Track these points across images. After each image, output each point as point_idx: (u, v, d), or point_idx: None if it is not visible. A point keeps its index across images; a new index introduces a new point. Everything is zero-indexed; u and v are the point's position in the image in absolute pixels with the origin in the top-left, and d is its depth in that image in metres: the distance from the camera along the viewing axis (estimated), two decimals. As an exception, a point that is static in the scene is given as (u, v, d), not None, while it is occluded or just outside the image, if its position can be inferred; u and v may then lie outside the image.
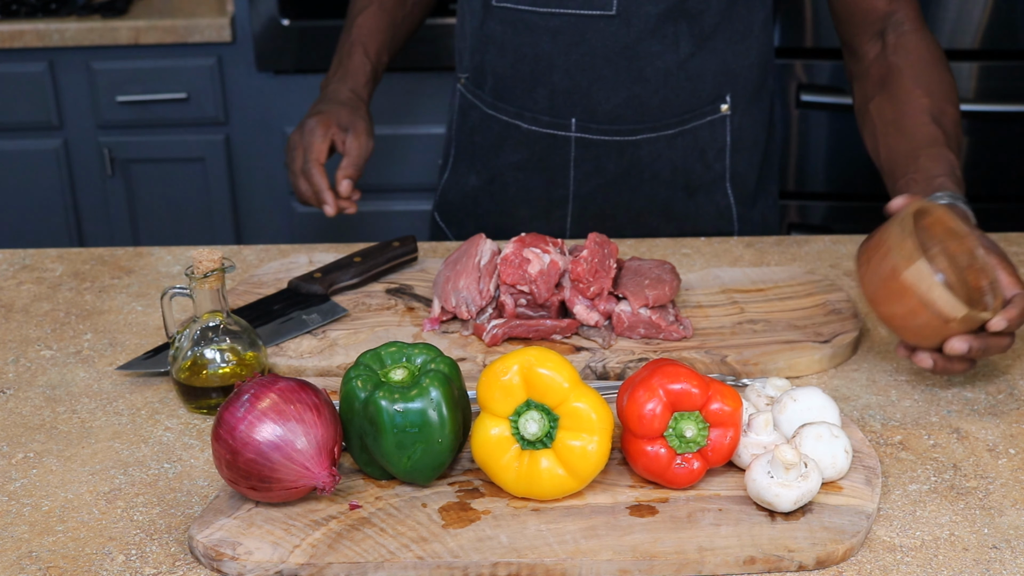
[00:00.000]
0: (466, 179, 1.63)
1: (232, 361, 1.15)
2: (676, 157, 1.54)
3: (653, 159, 1.53)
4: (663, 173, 1.55)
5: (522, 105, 1.53)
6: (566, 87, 1.49)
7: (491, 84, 1.54)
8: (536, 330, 1.25)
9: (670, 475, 1.00)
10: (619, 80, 1.48)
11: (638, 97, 1.49)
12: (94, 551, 0.97)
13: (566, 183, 1.55)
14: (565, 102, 1.50)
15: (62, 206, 2.73)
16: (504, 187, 1.59)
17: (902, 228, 1.07)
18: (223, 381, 1.15)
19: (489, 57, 1.53)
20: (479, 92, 1.57)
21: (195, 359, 1.14)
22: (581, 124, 1.51)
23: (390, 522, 0.97)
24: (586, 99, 1.49)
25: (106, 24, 2.56)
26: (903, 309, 1.08)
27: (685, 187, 1.56)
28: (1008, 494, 1.03)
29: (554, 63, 1.48)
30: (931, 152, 1.31)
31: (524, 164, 1.56)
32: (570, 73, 1.48)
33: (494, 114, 1.56)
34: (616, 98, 1.49)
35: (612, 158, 1.53)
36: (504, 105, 1.54)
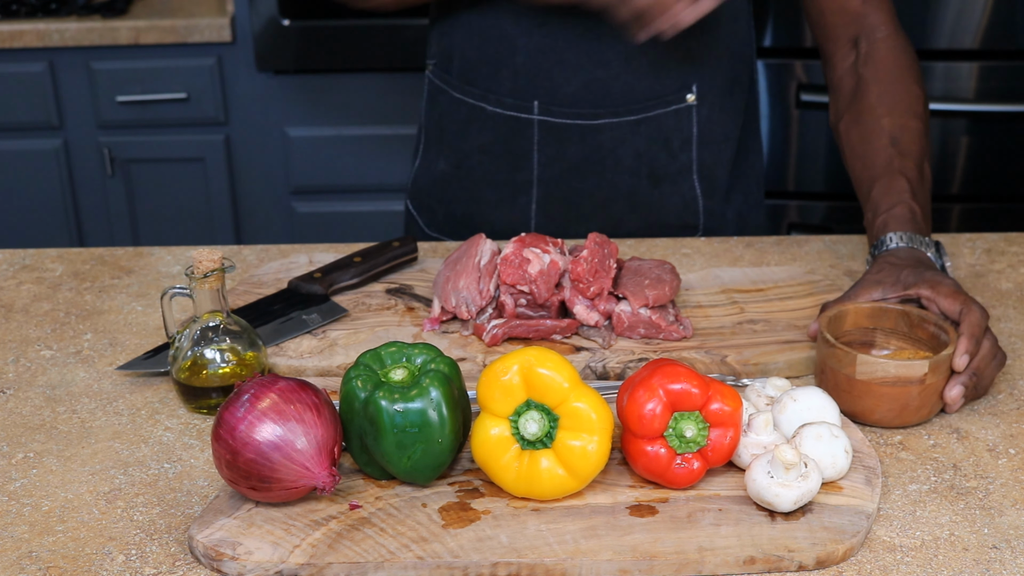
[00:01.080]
0: (435, 164, 1.63)
1: (232, 361, 1.15)
2: (640, 145, 1.54)
3: (615, 145, 1.53)
4: (626, 160, 1.54)
5: (487, 87, 1.52)
6: (529, 69, 1.49)
7: (458, 67, 1.54)
8: (536, 330, 1.25)
9: (670, 475, 1.00)
10: (580, 63, 1.48)
11: (599, 80, 1.49)
12: (94, 551, 0.97)
13: (530, 167, 1.55)
14: (528, 84, 1.50)
15: (62, 206, 2.73)
16: (470, 171, 1.59)
17: (827, 343, 1.13)
18: (223, 381, 1.15)
19: (456, 40, 1.53)
20: (446, 76, 1.57)
21: (195, 359, 1.14)
22: (543, 107, 1.51)
23: (390, 522, 0.97)
24: (548, 81, 1.49)
25: (106, 24, 2.56)
26: (888, 402, 1.11)
27: (649, 176, 1.56)
28: (1008, 494, 1.03)
29: (517, 45, 1.48)
30: (883, 183, 1.35)
31: (489, 147, 1.56)
32: (532, 55, 1.48)
33: (461, 97, 1.55)
34: (577, 81, 1.49)
35: (574, 142, 1.53)
36: (470, 88, 1.54)
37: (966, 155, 2.46)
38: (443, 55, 1.57)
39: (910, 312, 1.18)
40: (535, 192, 1.56)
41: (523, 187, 1.56)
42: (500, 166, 1.56)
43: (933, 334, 1.16)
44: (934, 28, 2.36)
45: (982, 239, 1.52)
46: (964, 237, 1.53)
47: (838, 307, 1.18)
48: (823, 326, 1.15)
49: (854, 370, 1.10)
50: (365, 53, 2.59)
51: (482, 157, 1.57)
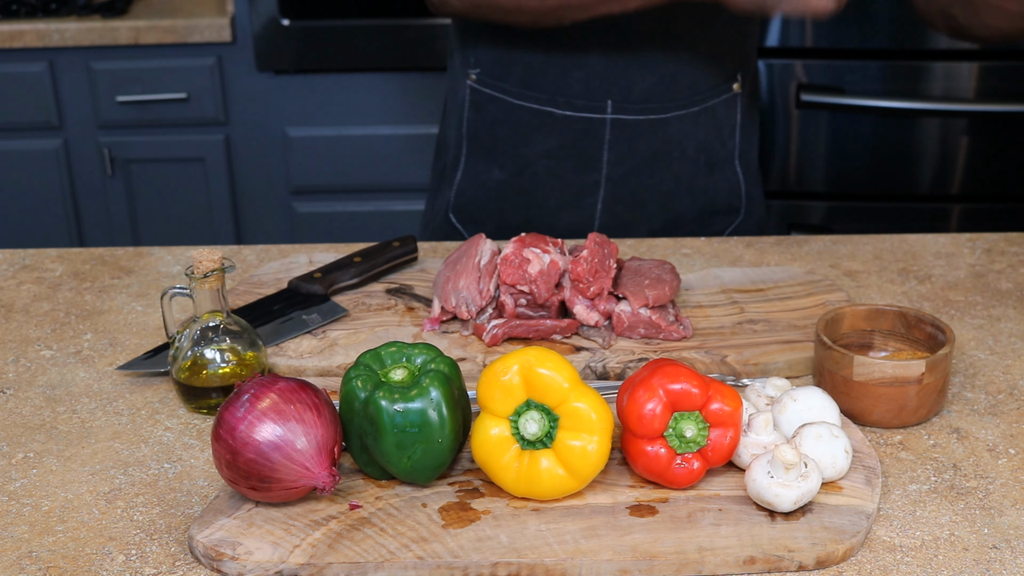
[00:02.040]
0: (486, 175, 1.62)
1: (232, 361, 1.15)
2: (700, 135, 1.57)
3: (682, 137, 1.56)
4: (689, 151, 1.57)
5: (555, 91, 1.52)
6: (603, 69, 1.50)
7: (519, 74, 1.53)
8: (536, 330, 1.25)
9: (670, 475, 1.00)
10: (654, 58, 1.50)
11: (671, 75, 1.51)
12: (94, 551, 0.97)
13: (599, 167, 1.56)
14: (601, 84, 1.51)
15: (62, 206, 2.73)
16: (533, 176, 1.58)
17: (822, 345, 1.13)
18: (223, 381, 1.15)
19: (517, 45, 1.52)
20: (501, 84, 1.56)
21: (195, 359, 1.14)
22: (617, 105, 1.52)
23: (390, 522, 0.97)
24: (623, 79, 1.50)
25: (106, 24, 2.56)
26: (886, 402, 1.11)
27: (707, 164, 1.60)
28: (1008, 494, 1.03)
29: (589, 45, 1.49)
30: None
31: (556, 151, 1.56)
32: (607, 53, 1.49)
33: (521, 103, 1.55)
34: (652, 77, 1.51)
35: (645, 138, 1.54)
36: (533, 93, 1.54)
37: (966, 155, 2.46)
38: (496, 63, 1.55)
39: (907, 313, 1.18)
40: (602, 192, 1.57)
41: (590, 188, 1.57)
42: (567, 169, 1.56)
43: (930, 334, 1.16)
44: (934, 28, 2.36)
45: (982, 239, 1.53)
46: (964, 237, 1.53)
47: (835, 310, 1.19)
48: (819, 328, 1.15)
49: (851, 372, 1.10)
50: (365, 53, 2.59)
51: (548, 161, 1.57)
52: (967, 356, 1.25)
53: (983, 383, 1.20)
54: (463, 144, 1.63)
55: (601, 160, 1.55)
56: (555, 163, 1.57)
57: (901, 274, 1.44)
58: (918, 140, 2.45)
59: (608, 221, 1.59)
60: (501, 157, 1.60)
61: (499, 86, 1.56)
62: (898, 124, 2.44)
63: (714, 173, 1.61)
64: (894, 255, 1.49)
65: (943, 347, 1.12)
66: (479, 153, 1.62)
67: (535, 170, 1.58)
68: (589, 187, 1.57)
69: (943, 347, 1.12)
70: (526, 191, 1.60)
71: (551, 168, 1.57)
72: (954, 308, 1.35)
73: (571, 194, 1.58)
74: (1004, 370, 1.23)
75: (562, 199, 1.59)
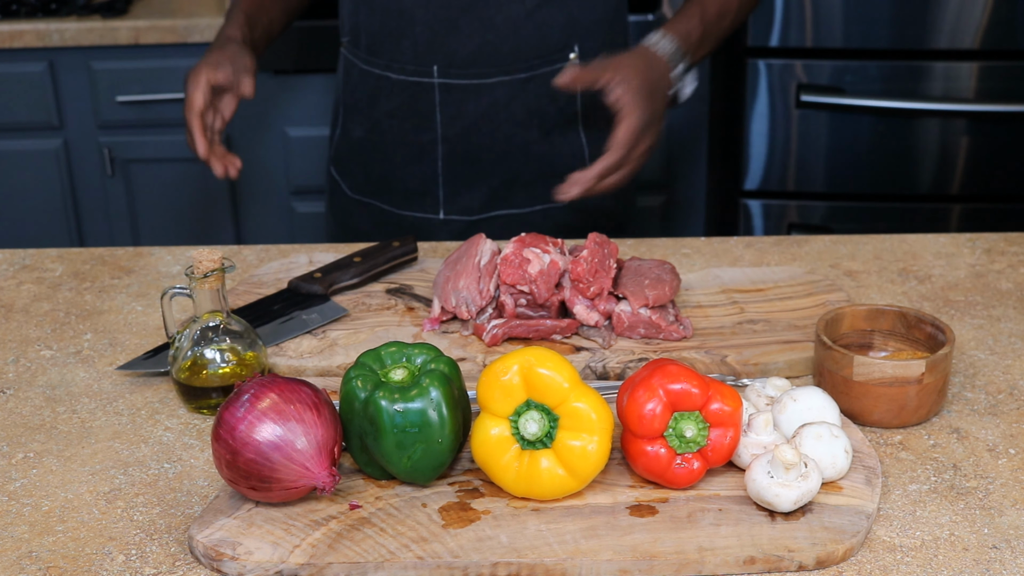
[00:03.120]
0: (353, 132, 1.78)
1: (232, 361, 1.15)
2: (530, 100, 1.67)
3: (508, 101, 1.67)
4: (519, 115, 1.68)
5: (391, 58, 1.67)
6: (427, 38, 1.64)
7: (365, 41, 1.70)
8: (536, 330, 1.25)
9: (670, 475, 1.00)
10: (473, 29, 1.63)
11: (491, 43, 1.64)
12: (94, 551, 0.97)
13: (434, 127, 1.69)
14: (427, 52, 1.65)
15: (62, 206, 2.73)
16: (382, 135, 1.73)
17: (822, 345, 1.13)
18: (223, 381, 1.15)
19: (362, 17, 1.69)
20: (356, 51, 1.72)
21: (195, 359, 1.14)
22: (442, 70, 1.65)
23: (390, 522, 0.97)
24: (444, 47, 1.64)
25: (106, 24, 2.56)
26: (886, 402, 1.11)
27: (539, 127, 1.69)
28: (1008, 494, 1.03)
29: (415, 17, 1.64)
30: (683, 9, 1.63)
31: (397, 112, 1.70)
32: (430, 24, 1.63)
33: (369, 69, 1.71)
34: (471, 45, 1.64)
35: (471, 101, 1.67)
36: (376, 59, 1.69)
37: (966, 155, 2.46)
38: (353, 32, 1.73)
39: (907, 313, 1.18)
40: (440, 150, 1.70)
41: (429, 146, 1.71)
42: (407, 128, 1.71)
43: (930, 334, 1.16)
44: (934, 28, 2.36)
45: (982, 239, 1.53)
46: (964, 237, 1.53)
47: (835, 310, 1.19)
48: (819, 328, 1.15)
49: (851, 372, 1.10)
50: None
51: (391, 122, 1.72)
52: (967, 356, 1.25)
53: (983, 383, 1.20)
54: (340, 106, 1.81)
55: (435, 121, 1.68)
56: (397, 123, 1.71)
57: (901, 274, 1.44)
58: (918, 140, 2.45)
59: (450, 178, 1.72)
60: (359, 116, 1.76)
61: (356, 53, 1.73)
62: (898, 124, 2.44)
63: (551, 137, 1.70)
64: (894, 255, 1.49)
65: (943, 347, 1.12)
66: (349, 112, 1.78)
67: (382, 129, 1.73)
68: (427, 146, 1.71)
69: (943, 347, 1.12)
70: (378, 148, 1.75)
71: (394, 127, 1.72)
72: (954, 308, 1.35)
73: (415, 151, 1.72)
74: (1004, 370, 1.23)
75: (408, 155, 1.73)
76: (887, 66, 2.40)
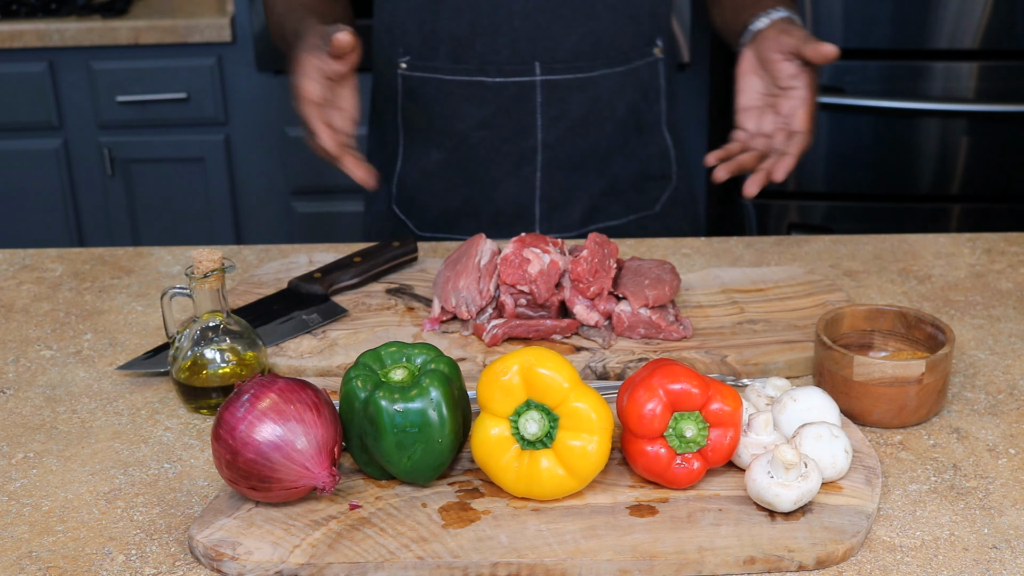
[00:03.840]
0: (425, 159, 1.63)
1: (232, 361, 1.15)
2: (628, 95, 1.61)
3: (611, 96, 1.59)
4: (619, 112, 1.61)
5: (484, 60, 1.55)
6: (527, 31, 1.53)
7: (447, 49, 1.56)
8: (536, 330, 1.25)
9: (670, 475, 1.00)
10: (576, 17, 1.54)
11: (593, 32, 1.55)
12: (94, 551, 0.97)
13: (533, 132, 1.58)
14: (527, 47, 1.54)
15: (62, 206, 2.73)
16: (470, 150, 1.60)
17: (822, 345, 1.13)
18: (223, 381, 1.15)
19: (443, 22, 1.55)
20: (431, 64, 1.58)
21: (195, 359, 1.14)
22: (545, 66, 1.55)
23: (390, 522, 0.97)
24: (547, 39, 1.54)
25: (106, 24, 2.56)
26: (886, 402, 1.11)
27: (636, 126, 1.63)
28: (1008, 494, 1.03)
29: (513, 9, 1.52)
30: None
31: (490, 120, 1.58)
32: (530, 15, 1.52)
33: (453, 78, 1.57)
34: (575, 35, 1.54)
35: (576, 98, 1.57)
36: (463, 65, 1.56)
37: (966, 155, 2.46)
38: (423, 44, 1.58)
39: (907, 313, 1.18)
40: (539, 158, 1.59)
41: (528, 155, 1.59)
42: (503, 137, 1.58)
43: (930, 334, 1.16)
44: (934, 28, 2.36)
45: (982, 239, 1.53)
46: (964, 237, 1.53)
47: (835, 310, 1.19)
48: (819, 328, 1.15)
49: (851, 372, 1.10)
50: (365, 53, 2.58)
51: (482, 134, 1.58)
52: (967, 356, 1.25)
53: (983, 383, 1.20)
54: (399, 135, 1.66)
55: (535, 125, 1.57)
56: (490, 133, 1.58)
57: (901, 274, 1.44)
58: (918, 140, 2.45)
59: (549, 191, 1.61)
60: (437, 136, 1.61)
61: (429, 66, 1.58)
62: (898, 124, 2.44)
63: (644, 136, 1.65)
64: (894, 255, 1.49)
65: (943, 347, 1.12)
66: (416, 139, 1.64)
67: (471, 143, 1.59)
68: (526, 154, 1.59)
69: (943, 347, 1.12)
70: (464, 166, 1.61)
71: (487, 139, 1.59)
72: (954, 308, 1.36)
73: (510, 164, 1.60)
74: (1004, 370, 1.23)
75: (501, 170, 1.61)
76: (887, 66, 2.40)
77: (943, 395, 1.13)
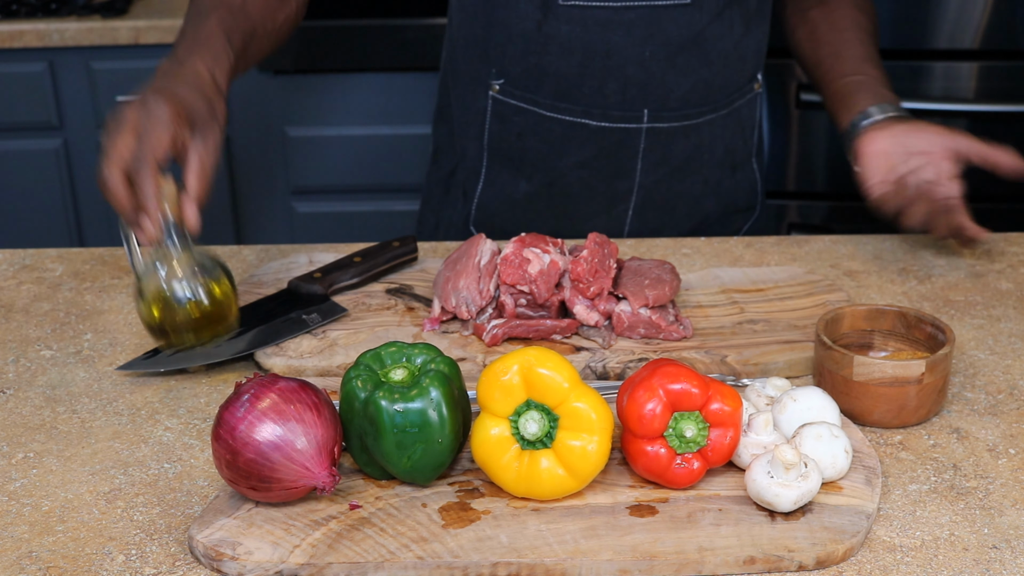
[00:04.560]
0: (512, 187, 1.59)
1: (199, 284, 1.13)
2: (727, 136, 1.60)
3: (712, 140, 1.57)
4: (718, 154, 1.59)
5: (590, 102, 1.51)
6: (640, 79, 1.49)
7: (552, 85, 1.51)
8: (536, 330, 1.25)
9: (670, 475, 1.00)
10: (690, 66, 1.50)
11: (704, 80, 1.52)
12: (94, 551, 0.97)
13: (632, 175, 1.56)
14: (638, 94, 1.50)
15: (62, 206, 2.73)
16: (566, 187, 1.57)
17: (822, 345, 1.13)
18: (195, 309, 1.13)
19: (550, 58, 1.49)
20: (531, 96, 1.52)
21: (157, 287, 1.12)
22: (653, 114, 1.52)
23: (390, 522, 0.97)
24: (660, 88, 1.50)
25: (106, 24, 2.56)
26: (886, 402, 1.11)
27: (731, 165, 1.62)
28: (1008, 494, 1.03)
29: (627, 56, 1.48)
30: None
31: (589, 162, 1.55)
32: (644, 64, 1.49)
33: (554, 115, 1.52)
34: (687, 84, 1.51)
35: (679, 144, 1.55)
36: (567, 105, 1.51)
37: (966, 155, 2.46)
38: (528, 74, 1.52)
39: (907, 313, 1.18)
40: (634, 199, 1.57)
41: (622, 196, 1.57)
42: (600, 178, 1.56)
43: (930, 334, 1.16)
44: (934, 28, 2.36)
45: (982, 239, 1.52)
46: (964, 237, 1.53)
47: (835, 310, 1.19)
48: (819, 328, 1.15)
49: (851, 371, 1.10)
50: (365, 53, 2.59)
51: (581, 172, 1.56)
52: (967, 356, 1.25)
53: (983, 383, 1.20)
54: (483, 156, 1.60)
55: (635, 169, 1.55)
56: (588, 173, 1.55)
57: (901, 274, 1.44)
58: (918, 140, 2.45)
59: (638, 227, 1.60)
60: (529, 169, 1.57)
61: (529, 98, 1.53)
62: (898, 124, 2.43)
63: (736, 173, 1.63)
64: (894, 255, 1.49)
65: (943, 347, 1.12)
66: (503, 165, 1.59)
67: (567, 181, 1.56)
68: (621, 195, 1.57)
69: (943, 347, 1.12)
70: (556, 202, 1.59)
71: (584, 178, 1.56)
72: (954, 308, 1.35)
73: (603, 203, 1.58)
74: (1004, 370, 1.23)
75: (593, 208, 1.58)
76: (887, 66, 2.39)
77: (943, 395, 1.13)
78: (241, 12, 1.33)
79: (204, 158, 1.17)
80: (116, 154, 1.10)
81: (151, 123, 1.11)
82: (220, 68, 1.23)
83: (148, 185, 1.09)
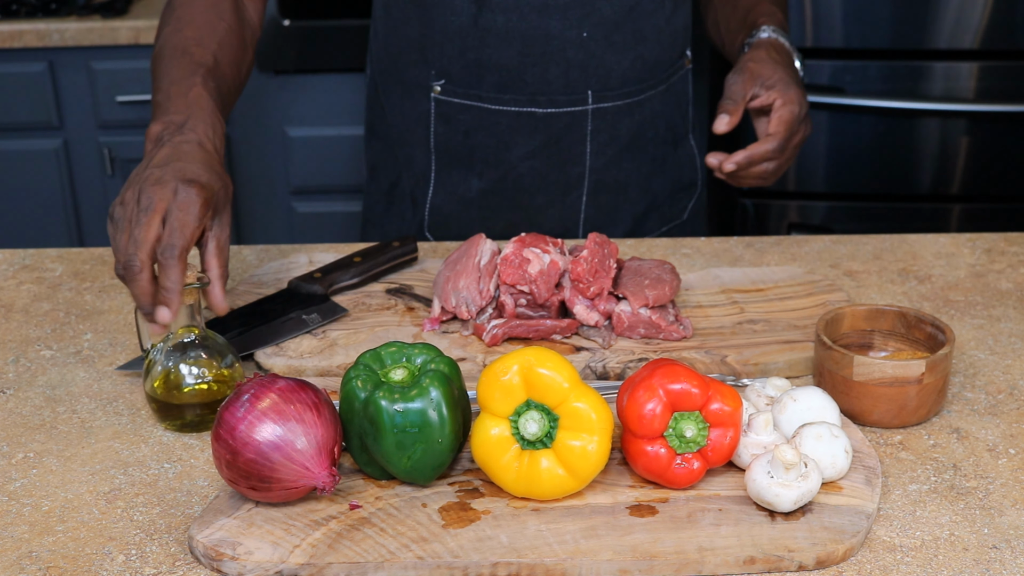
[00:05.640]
0: (463, 186, 1.58)
1: (208, 377, 1.13)
2: (667, 112, 1.61)
3: (655, 116, 1.59)
4: (661, 130, 1.61)
5: (535, 90, 1.51)
6: (580, 60, 1.49)
7: (494, 78, 1.50)
8: (536, 330, 1.25)
9: (670, 475, 1.00)
10: (626, 44, 1.51)
11: (641, 57, 1.54)
12: (94, 551, 0.97)
13: (583, 160, 1.55)
14: (580, 76, 1.50)
15: (62, 206, 2.73)
16: (518, 180, 1.56)
17: (822, 345, 1.13)
18: (198, 399, 1.12)
19: (489, 51, 1.49)
20: (473, 92, 1.52)
21: (167, 374, 1.12)
22: (597, 94, 1.52)
23: (390, 522, 0.97)
24: (600, 68, 1.51)
25: (106, 24, 2.56)
26: (886, 402, 1.11)
27: (673, 141, 1.64)
28: (1008, 494, 1.03)
29: (566, 39, 1.48)
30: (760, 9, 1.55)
31: (539, 151, 1.54)
32: (583, 45, 1.49)
33: (500, 108, 1.52)
34: (625, 62, 1.52)
35: (624, 123, 1.56)
36: (512, 95, 1.51)
37: (966, 155, 2.46)
38: (467, 70, 1.51)
39: (907, 313, 1.18)
40: (586, 184, 1.58)
41: (575, 182, 1.57)
42: (551, 166, 1.56)
43: (930, 334, 1.16)
44: (934, 28, 2.36)
45: (982, 239, 1.53)
46: (964, 237, 1.53)
47: (835, 310, 1.19)
48: (819, 328, 1.15)
49: (851, 371, 1.10)
50: (365, 53, 2.59)
51: (532, 162, 1.55)
52: (967, 356, 1.25)
53: (983, 383, 1.20)
54: (431, 160, 1.58)
55: (585, 152, 1.55)
56: (539, 163, 1.55)
57: (901, 274, 1.44)
58: (918, 140, 2.45)
59: (593, 213, 1.60)
60: (479, 166, 1.56)
61: (472, 94, 1.52)
62: (898, 124, 2.44)
63: (678, 149, 1.66)
64: (894, 255, 1.49)
65: (943, 347, 1.12)
66: (453, 166, 1.58)
67: (519, 173, 1.56)
68: (574, 181, 1.57)
69: (943, 347, 1.12)
70: (510, 196, 1.58)
71: (535, 168, 1.55)
72: (954, 308, 1.35)
73: (556, 191, 1.58)
74: (1004, 370, 1.23)
75: (547, 198, 1.58)
76: (887, 66, 2.40)
77: (943, 395, 1.13)
78: (217, 70, 1.31)
79: (221, 239, 1.16)
80: (145, 241, 1.08)
81: (183, 214, 1.10)
82: (218, 137, 1.22)
83: (175, 274, 1.08)
